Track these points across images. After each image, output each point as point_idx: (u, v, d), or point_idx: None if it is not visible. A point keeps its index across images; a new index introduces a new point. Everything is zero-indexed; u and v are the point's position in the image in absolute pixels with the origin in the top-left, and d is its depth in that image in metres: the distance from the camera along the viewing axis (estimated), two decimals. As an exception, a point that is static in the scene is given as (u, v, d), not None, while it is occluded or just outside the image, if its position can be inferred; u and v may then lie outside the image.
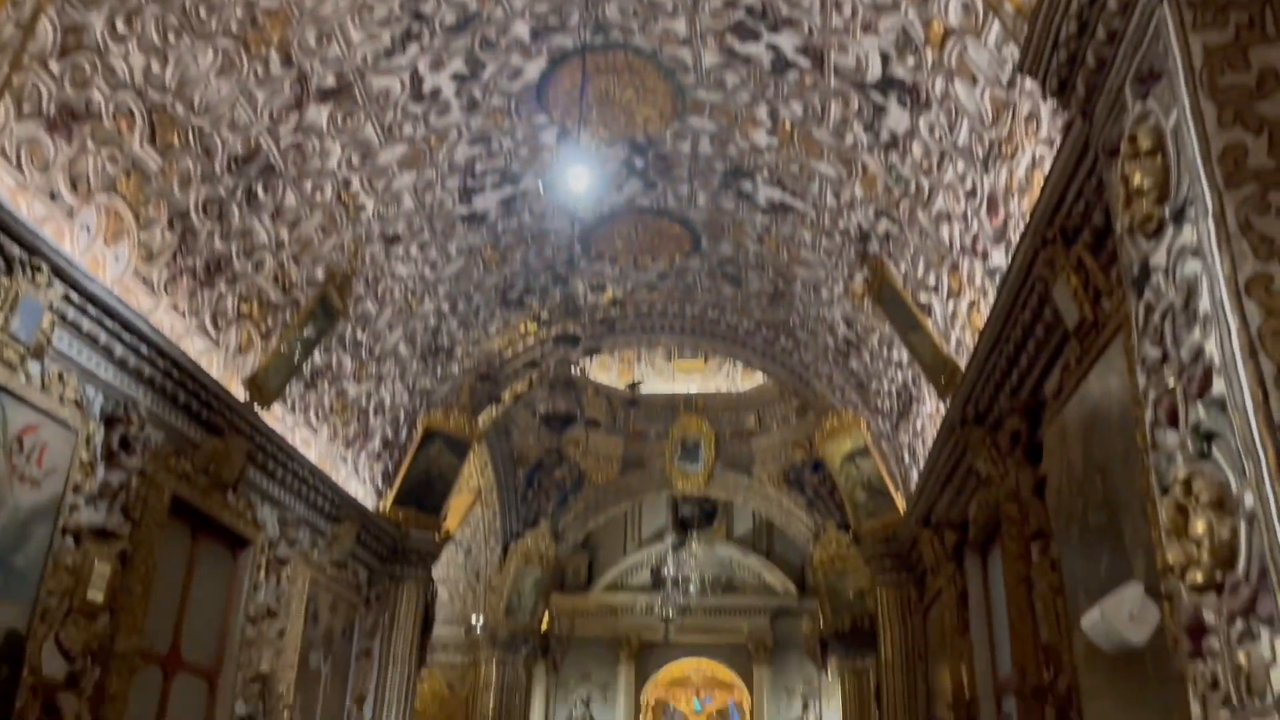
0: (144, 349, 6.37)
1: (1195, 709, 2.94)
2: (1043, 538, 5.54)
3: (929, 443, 8.64)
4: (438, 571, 15.90)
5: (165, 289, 6.67)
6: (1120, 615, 3.19)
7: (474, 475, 14.58)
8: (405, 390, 10.52)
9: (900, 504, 10.19)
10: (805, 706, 18.79)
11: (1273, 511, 2.54)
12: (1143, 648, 4.05)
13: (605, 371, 16.39)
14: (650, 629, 18.26)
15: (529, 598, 15.75)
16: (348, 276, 8.32)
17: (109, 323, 6.02)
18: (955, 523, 7.93)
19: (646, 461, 16.31)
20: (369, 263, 8.60)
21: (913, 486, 9.55)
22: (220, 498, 7.49)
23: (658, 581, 17.36)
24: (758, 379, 15.89)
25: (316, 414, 9.10)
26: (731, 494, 16.48)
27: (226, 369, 7.53)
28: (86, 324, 5.88)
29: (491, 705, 15.05)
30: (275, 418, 8.35)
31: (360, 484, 10.18)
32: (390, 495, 10.60)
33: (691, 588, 16.64)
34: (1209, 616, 2.84)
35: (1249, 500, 2.64)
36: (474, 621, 15.33)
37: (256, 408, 7.81)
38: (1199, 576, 2.80)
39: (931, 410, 8.84)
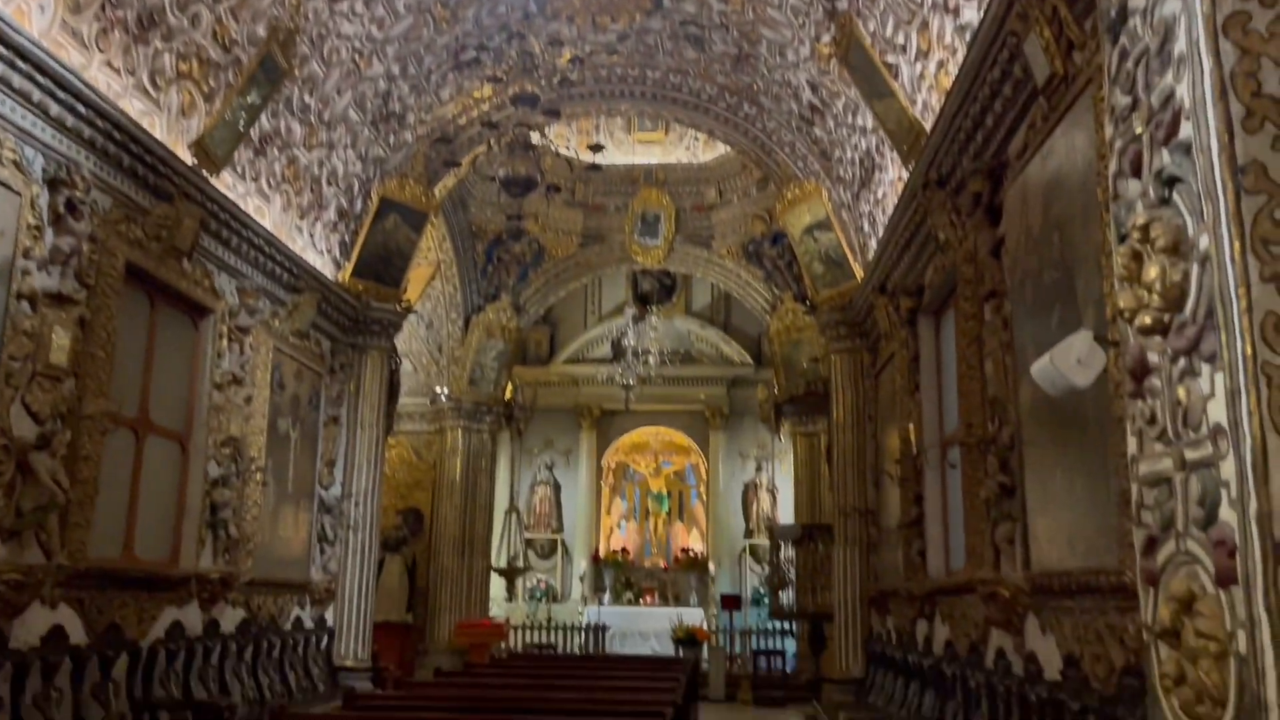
0: (81, 108, 6.09)
1: (1131, 445, 3.11)
2: (996, 297, 5.67)
3: (889, 211, 8.66)
4: (400, 344, 16.12)
5: (96, 43, 6.31)
6: (1068, 360, 3.30)
7: (433, 248, 14.46)
8: (358, 159, 10.25)
9: (858, 273, 10.33)
10: (758, 469, 19.70)
11: (1225, 252, 2.60)
12: (1084, 395, 4.24)
13: (564, 145, 16.02)
14: (611, 398, 18.76)
15: (492, 369, 16.02)
16: (291, 33, 7.90)
17: (41, 79, 5.73)
18: (911, 289, 8.07)
19: (606, 235, 16.25)
20: (312, 19, 8.15)
21: (871, 255, 9.66)
22: (176, 265, 7.39)
23: (618, 354, 17.67)
24: (718, 150, 15.64)
25: (268, 182, 8.87)
26: (691, 268, 16.58)
27: (170, 132, 7.25)
28: (17, 80, 5.59)
29: (458, 470, 15.60)
30: (226, 185, 8.14)
31: (318, 255, 10.08)
32: (349, 266, 10.53)
33: (651, 359, 16.98)
34: (1153, 357, 2.95)
35: (1204, 242, 2.69)
36: (438, 392, 15.64)
37: (205, 173, 7.59)
38: (1148, 319, 2.89)
39: (894, 178, 8.81)
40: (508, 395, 16.33)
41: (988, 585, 5.41)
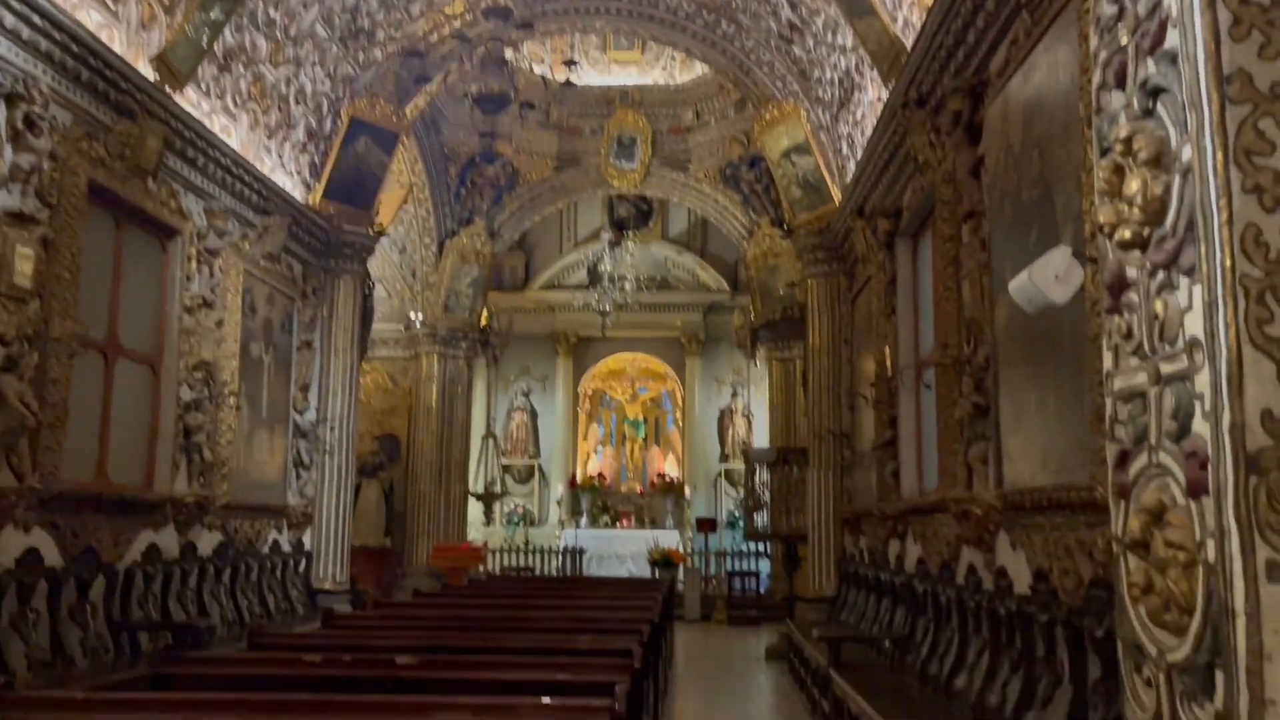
0: (37, 19, 5.88)
1: (1107, 360, 3.11)
2: (974, 217, 5.64)
3: (868, 132, 8.56)
4: (374, 269, 15.95)
5: (50, -49, 6.06)
6: (1046, 276, 3.29)
7: (405, 170, 14.23)
8: (326, 77, 10.00)
9: (836, 197, 10.25)
10: (734, 394, 19.81)
11: (1208, 163, 2.57)
12: (1060, 314, 4.25)
13: (539, 63, 15.70)
14: (587, 325, 18.70)
15: (467, 295, 15.90)
16: (254, -56, 7.62)
17: (-8, -12, 5.50)
18: (889, 211, 8.03)
19: (581, 158, 16.05)
20: (277, -71, 7.86)
21: (849, 178, 9.58)
22: (141, 185, 7.22)
23: (594, 280, 17.59)
24: (696, 71, 15.41)
25: (234, 100, 8.65)
26: (667, 192, 16.45)
27: (130, 46, 7.02)
28: (-34, -12, 5.37)
29: (435, 395, 15.58)
30: (190, 103, 7.92)
31: (287, 176, 9.88)
32: (319, 188, 10.34)
33: (627, 285, 16.90)
34: (1132, 272, 2.94)
35: (1186, 154, 2.66)
36: (413, 318, 15.53)
37: (168, 89, 7.38)
38: (1127, 233, 2.87)
39: (873, 98, 8.70)
40: (483, 321, 16.24)
41: (960, 504, 5.48)
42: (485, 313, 16.27)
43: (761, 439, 17.69)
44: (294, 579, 9.82)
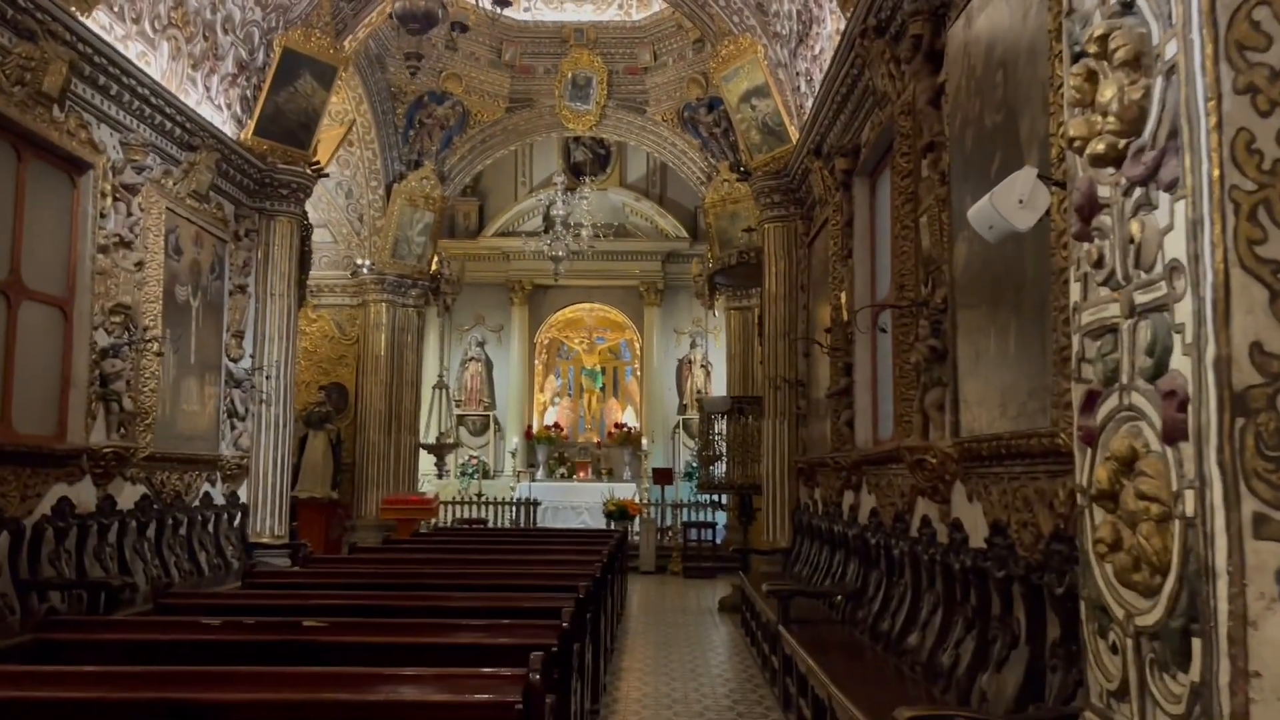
0: (-91, -78, 5.31)
1: (1074, 293, 2.80)
2: (934, 150, 5.30)
3: (826, 67, 8.17)
4: (318, 214, 15.38)
5: None
6: (1009, 200, 2.96)
7: (349, 109, 13.63)
8: (256, 5, 9.42)
9: (794, 137, 9.88)
10: (693, 345, 19.51)
11: (1195, 60, 2.24)
12: (1021, 248, 3.93)
13: (489, -1, 15.06)
14: (543, 273, 18.21)
15: (417, 242, 15.37)
16: None
17: None
18: (847, 149, 7.67)
19: (535, 99, 15.49)
20: None
21: (806, 117, 9.19)
22: (45, 114, 6.69)
23: (549, 226, 17.09)
24: (653, 7, 14.86)
25: (152, 25, 8.07)
26: (624, 135, 15.94)
27: (27, -41, 6.44)
28: None
29: (383, 344, 15.11)
30: (101, 26, 7.35)
31: (216, 110, 9.32)
32: (251, 124, 9.78)
33: (584, 233, 16.43)
34: (1104, 191, 2.62)
35: (1170, 50, 2.32)
36: (359, 264, 15.01)
37: (74, 10, 6.81)
38: (1101, 146, 2.54)
39: (831, 30, 8.30)
40: (433, 268, 15.74)
41: (915, 453, 5.20)
42: (435, 259, 15.75)
43: (720, 389, 17.43)
44: (229, 533, 9.43)
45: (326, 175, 11.02)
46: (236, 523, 9.64)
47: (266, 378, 9.96)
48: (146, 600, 7.26)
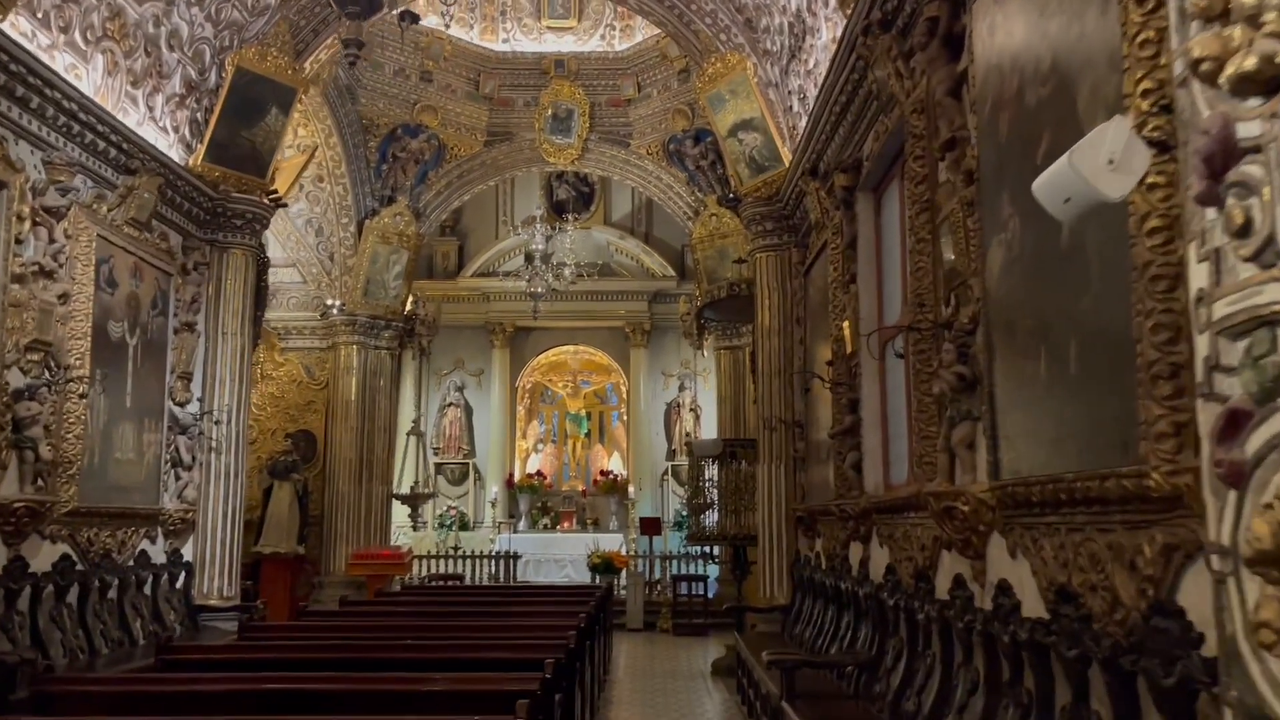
0: None
1: (1198, 279, 2.04)
2: (956, 147, 4.58)
3: (823, 77, 7.50)
4: (287, 253, 14.64)
5: None
6: (1094, 160, 2.21)
7: (317, 140, 12.95)
8: (207, 21, 8.74)
9: (786, 159, 9.20)
10: (682, 387, 18.73)
11: None
12: (1084, 241, 3.18)
13: (466, 30, 14.51)
14: (525, 315, 17.40)
15: (390, 281, 14.61)
16: None
17: None
18: (848, 164, 6.95)
19: (514, 133, 14.85)
20: None
21: (800, 139, 8.51)
22: (-53, 125, 5.93)
23: (530, 260, 16.31)
24: (636, 37, 14.30)
25: (83, 36, 7.36)
26: (607, 169, 15.28)
27: (-75, -50, 5.73)
28: None
29: (354, 389, 14.27)
30: (21, 33, 6.63)
31: (161, 133, 8.59)
32: (202, 149, 9.04)
33: (567, 271, 15.70)
34: (1250, 130, 1.87)
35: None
36: (329, 304, 14.22)
37: (-17, 10, 6.09)
38: (1250, 61, 1.81)
39: (828, 39, 7.65)
40: (408, 309, 14.96)
41: (942, 499, 4.41)
42: (409, 298, 14.98)
43: (711, 434, 16.61)
44: (170, 595, 8.53)
45: (285, 205, 10.28)
46: (180, 583, 8.74)
47: (216, 423, 9.12)
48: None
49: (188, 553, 8.95)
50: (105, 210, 7.63)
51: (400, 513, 15.98)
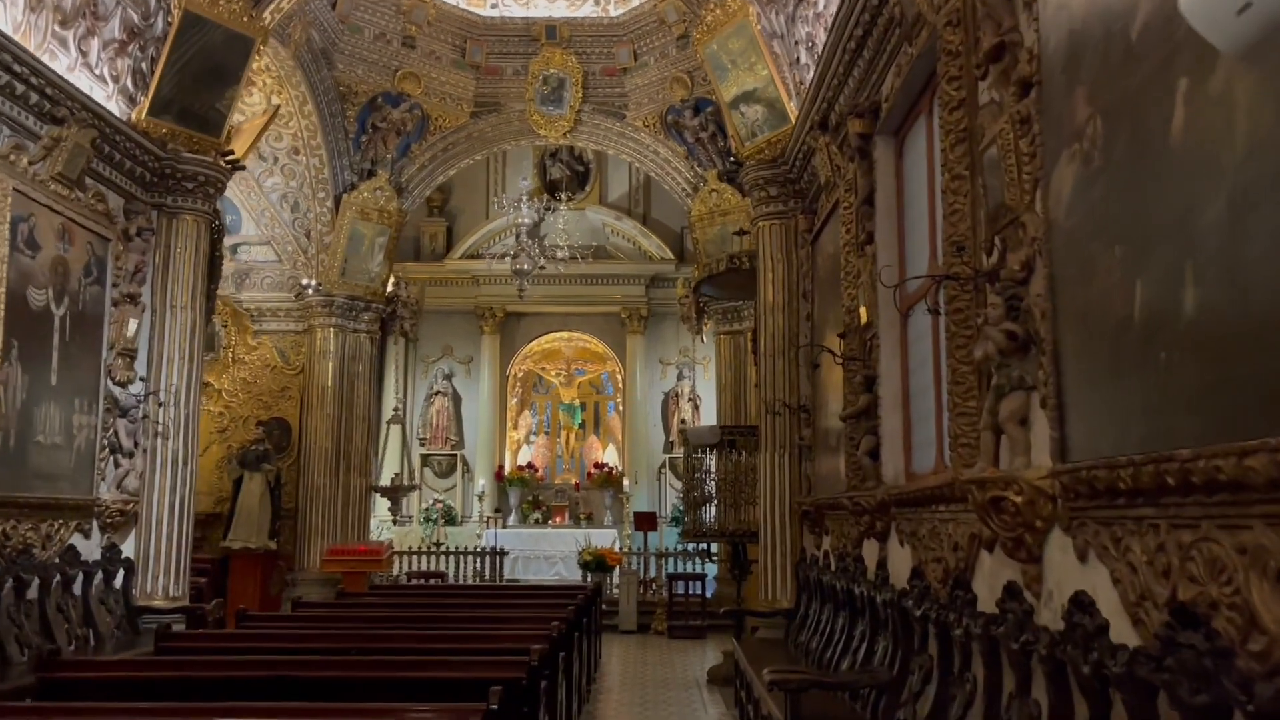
0: None
1: None
2: (1005, 54, 3.71)
3: (831, 21, 6.63)
4: (261, 230, 13.78)
5: None
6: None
7: (287, 101, 12.08)
8: (150, -43, 7.87)
9: (792, 116, 8.33)
10: (680, 376, 17.87)
11: None
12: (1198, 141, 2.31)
13: (453, -5, 13.62)
14: (516, 300, 16.56)
15: (374, 262, 13.75)
16: None
17: None
18: (864, 109, 6.08)
19: (503, 103, 13.98)
20: None
21: (807, 91, 7.63)
22: None
23: (516, 235, 15.40)
24: (633, 2, 13.41)
25: (-4, -38, 6.49)
26: (601, 142, 14.40)
27: None
28: None
29: (330, 374, 13.40)
30: (-85, -49, 5.77)
31: (99, 82, 7.73)
32: (146, 102, 8.18)
33: (560, 253, 14.81)
34: None
35: None
36: (304, 284, 13.36)
37: None
38: None
39: (840, -28, 6.76)
40: (389, 289, 14.09)
41: (987, 488, 3.54)
42: (390, 278, 14.11)
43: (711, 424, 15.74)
44: (106, 595, 7.68)
45: (242, 168, 9.40)
46: (118, 582, 7.90)
47: (160, 404, 8.27)
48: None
49: (129, 549, 8.10)
50: (25, 163, 6.77)
51: (382, 507, 15.13)
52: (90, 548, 7.61)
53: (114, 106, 7.87)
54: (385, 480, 14.95)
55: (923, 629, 4.41)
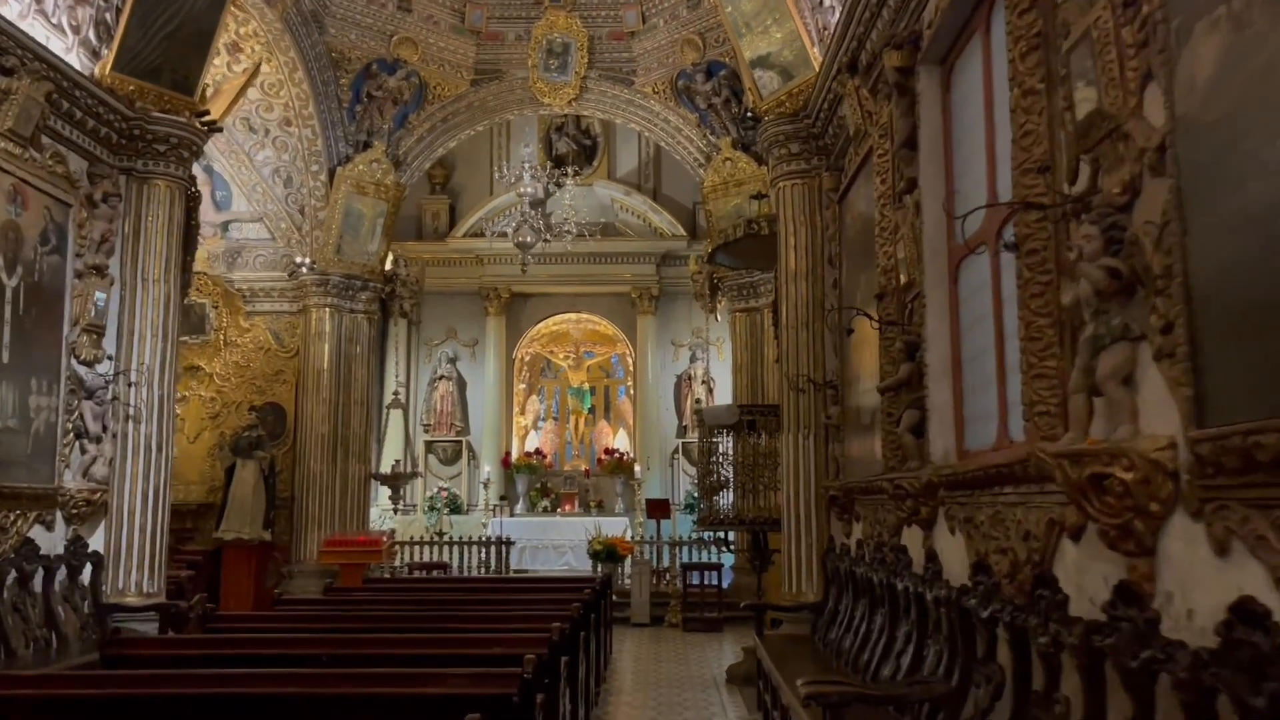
0: None
1: None
2: (1101, -74, 2.99)
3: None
4: (254, 206, 13.12)
5: None
6: None
7: (276, 69, 11.41)
8: (111, -105, 7.18)
9: (816, 63, 7.60)
10: (693, 358, 17.15)
11: None
12: None
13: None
14: (521, 280, 15.88)
15: (371, 238, 13.08)
16: None
17: None
18: (901, 40, 5.35)
19: (505, 71, 13.28)
20: None
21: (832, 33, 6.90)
22: None
23: (523, 216, 14.71)
24: (641, -40, 12.69)
25: (-71, -111, 5.81)
26: (608, 110, 13.68)
27: None
28: None
29: (326, 357, 12.76)
30: None
31: (56, 31, 7.06)
32: (110, 56, 7.51)
33: (567, 229, 14.10)
34: None
35: None
36: (298, 262, 12.70)
37: None
38: None
39: (872, -109, 6.02)
40: (387, 267, 13.42)
41: (1084, 463, 2.84)
42: (388, 256, 13.44)
43: (724, 408, 15.02)
44: (70, 592, 7.05)
45: (219, 129, 8.72)
46: (85, 578, 7.26)
47: (131, 384, 7.62)
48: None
49: (97, 542, 7.46)
50: (-32, 116, 6.12)
51: (384, 495, 14.50)
52: (53, 541, 6.98)
53: (74, 60, 7.20)
54: (386, 467, 14.30)
55: (989, 634, 3.71)
